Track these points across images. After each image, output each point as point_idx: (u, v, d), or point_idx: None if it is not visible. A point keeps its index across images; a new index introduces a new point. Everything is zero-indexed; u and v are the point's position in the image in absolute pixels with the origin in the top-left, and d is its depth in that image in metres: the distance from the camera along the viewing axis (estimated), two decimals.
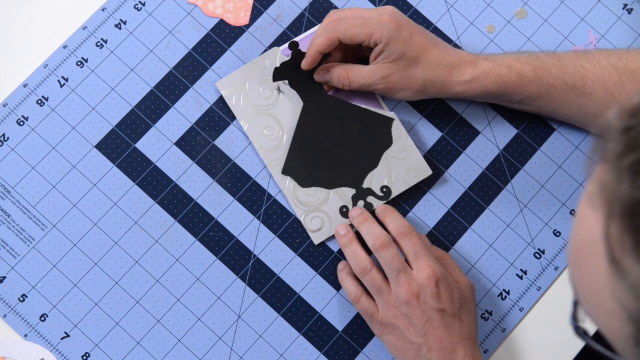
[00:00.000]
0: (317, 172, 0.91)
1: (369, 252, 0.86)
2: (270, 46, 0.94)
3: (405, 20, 0.87)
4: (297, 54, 0.91)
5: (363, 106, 0.92)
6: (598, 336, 0.58)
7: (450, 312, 0.83)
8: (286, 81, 0.92)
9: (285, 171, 0.90)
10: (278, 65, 0.92)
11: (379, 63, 0.87)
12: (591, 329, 0.59)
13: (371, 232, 0.86)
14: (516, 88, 0.88)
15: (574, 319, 0.60)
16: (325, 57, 0.90)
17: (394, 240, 0.86)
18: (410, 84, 0.88)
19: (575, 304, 0.60)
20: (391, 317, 0.83)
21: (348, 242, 0.87)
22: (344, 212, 0.90)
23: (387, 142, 0.91)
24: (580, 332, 0.60)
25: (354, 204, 0.90)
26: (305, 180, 0.90)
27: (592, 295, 0.53)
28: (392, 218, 0.87)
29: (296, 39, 0.93)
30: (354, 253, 0.86)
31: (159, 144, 0.91)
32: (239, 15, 0.94)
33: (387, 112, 0.92)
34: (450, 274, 0.87)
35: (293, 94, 0.92)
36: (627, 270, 0.48)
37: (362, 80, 0.88)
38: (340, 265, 0.89)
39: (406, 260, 0.85)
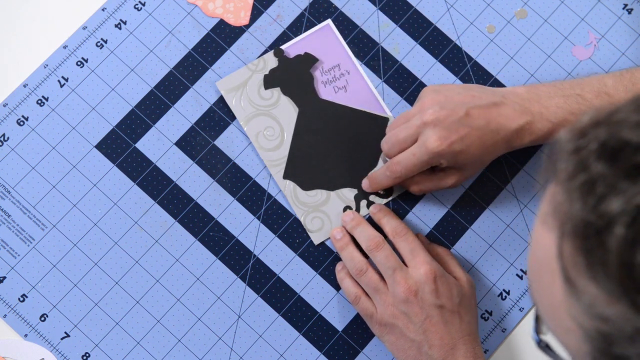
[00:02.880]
0: (317, 175, 0.91)
1: (366, 255, 0.87)
2: (271, 46, 0.94)
3: (448, 128, 0.83)
4: (284, 61, 0.92)
5: (364, 108, 0.92)
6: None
7: (449, 308, 0.83)
8: (278, 88, 0.92)
9: (286, 176, 0.90)
10: (267, 72, 0.92)
11: (449, 170, 0.87)
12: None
13: (364, 235, 0.86)
14: None
15: (536, 332, 0.61)
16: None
17: (391, 242, 0.86)
18: (482, 167, 0.89)
19: (537, 319, 0.60)
20: (390, 317, 0.84)
21: (344, 245, 0.87)
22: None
23: None
24: (542, 345, 0.61)
25: (357, 204, 0.90)
26: (306, 183, 0.90)
27: (550, 312, 0.53)
28: (388, 219, 0.88)
29: (286, 45, 0.93)
30: (350, 255, 0.87)
31: (159, 144, 0.91)
32: (239, 15, 0.94)
33: (385, 113, 0.92)
34: (450, 271, 0.87)
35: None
36: (582, 290, 0.49)
37: (432, 188, 0.89)
38: (339, 266, 0.89)
39: (404, 262, 0.85)
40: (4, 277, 0.88)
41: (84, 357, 0.87)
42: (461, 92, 0.86)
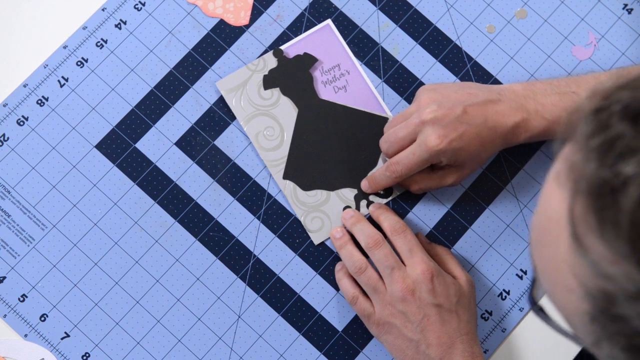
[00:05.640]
0: (317, 175, 0.91)
1: (365, 254, 0.87)
2: (271, 46, 0.94)
3: (446, 126, 0.84)
4: (283, 61, 0.92)
5: (364, 108, 0.92)
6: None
7: (447, 307, 0.83)
8: (278, 89, 0.92)
9: (286, 176, 0.90)
10: (266, 72, 0.92)
11: (449, 168, 0.88)
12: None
13: (364, 232, 0.86)
14: None
15: (532, 297, 0.61)
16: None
17: (389, 239, 0.86)
18: (481, 165, 0.89)
19: (534, 282, 0.61)
20: (388, 316, 0.84)
21: (343, 244, 0.87)
22: None
23: None
24: (536, 308, 0.61)
25: (357, 203, 0.90)
26: (306, 184, 0.90)
27: (552, 271, 0.54)
28: (386, 217, 0.88)
29: (286, 45, 0.93)
30: (349, 254, 0.87)
31: (159, 144, 0.91)
32: (239, 15, 0.94)
33: (385, 113, 0.92)
34: (449, 270, 0.87)
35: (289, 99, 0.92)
36: (589, 248, 0.49)
37: (432, 187, 0.89)
38: (338, 266, 0.89)
39: (402, 260, 0.85)
40: (4, 277, 0.88)
41: (84, 357, 0.87)
42: (458, 90, 0.87)
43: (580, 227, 0.50)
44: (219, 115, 0.92)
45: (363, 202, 0.90)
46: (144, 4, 0.94)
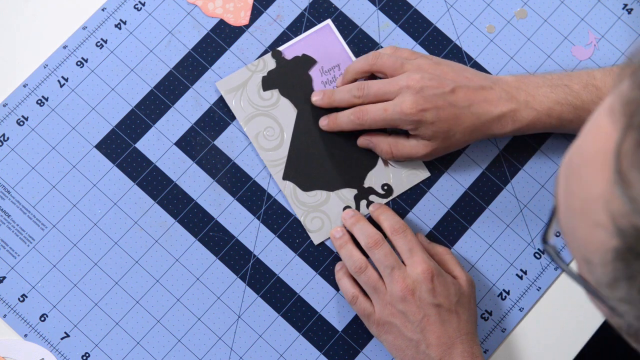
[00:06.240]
0: (317, 176, 0.91)
1: (365, 254, 0.87)
2: (271, 46, 0.94)
3: (427, 98, 0.85)
4: (282, 62, 0.92)
5: None
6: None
7: (446, 307, 0.83)
8: (277, 90, 0.92)
9: (286, 177, 0.90)
10: (265, 74, 0.92)
11: (418, 139, 0.88)
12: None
13: (364, 232, 0.86)
14: (556, 129, 0.89)
15: (545, 235, 0.60)
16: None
17: (389, 239, 0.86)
18: (453, 147, 0.89)
19: (550, 221, 0.60)
20: (388, 315, 0.84)
21: (343, 243, 0.87)
22: None
23: None
24: (548, 247, 0.60)
25: (357, 203, 0.90)
26: (306, 184, 0.90)
27: (581, 206, 0.53)
28: (386, 216, 0.88)
29: (285, 45, 0.93)
30: (349, 253, 0.87)
31: (159, 144, 0.91)
32: (239, 15, 0.94)
33: None
34: (450, 270, 0.87)
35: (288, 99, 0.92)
36: (631, 183, 0.49)
37: (405, 155, 0.89)
38: (338, 266, 0.89)
39: (402, 260, 0.85)
40: (4, 277, 0.88)
41: (84, 357, 0.87)
42: (457, 70, 0.88)
43: (626, 161, 0.49)
44: (219, 115, 0.92)
45: (363, 202, 0.91)
46: (143, 4, 0.94)
